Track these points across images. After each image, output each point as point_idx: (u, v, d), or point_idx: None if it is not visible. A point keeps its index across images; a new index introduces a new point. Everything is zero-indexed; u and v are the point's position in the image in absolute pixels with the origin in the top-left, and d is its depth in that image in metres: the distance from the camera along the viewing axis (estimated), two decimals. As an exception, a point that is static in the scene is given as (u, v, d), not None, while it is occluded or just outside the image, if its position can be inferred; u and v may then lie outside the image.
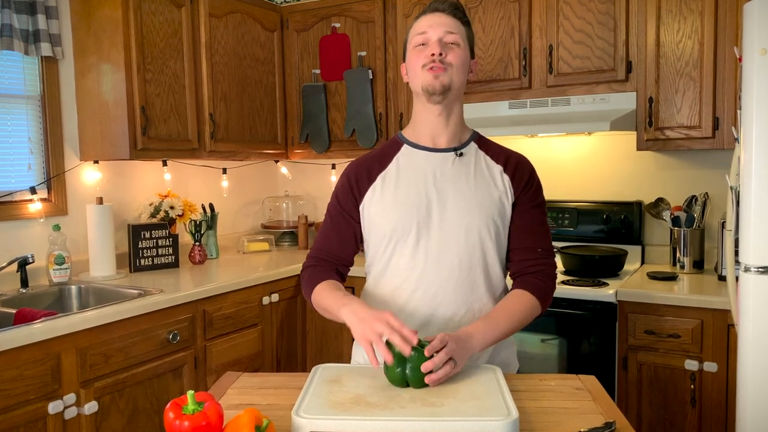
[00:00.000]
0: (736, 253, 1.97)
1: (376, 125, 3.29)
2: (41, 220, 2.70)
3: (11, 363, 1.93)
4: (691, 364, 2.34)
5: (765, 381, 1.86)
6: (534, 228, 1.55)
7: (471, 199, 1.51)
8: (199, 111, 3.03)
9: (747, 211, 1.87)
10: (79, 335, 2.13)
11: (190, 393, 1.07)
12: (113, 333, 2.24)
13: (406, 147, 1.57)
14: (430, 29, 1.49)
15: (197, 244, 3.19)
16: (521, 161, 1.59)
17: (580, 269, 2.79)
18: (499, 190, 1.53)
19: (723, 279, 2.55)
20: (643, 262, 2.98)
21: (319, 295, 1.53)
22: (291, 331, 3.11)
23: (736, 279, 1.98)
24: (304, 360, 3.19)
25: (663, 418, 2.42)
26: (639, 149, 2.71)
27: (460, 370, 1.32)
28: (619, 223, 2.97)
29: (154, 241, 3.00)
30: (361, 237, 1.62)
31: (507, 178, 1.55)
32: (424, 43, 1.50)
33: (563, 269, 2.87)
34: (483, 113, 2.97)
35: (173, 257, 3.06)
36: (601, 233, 3.01)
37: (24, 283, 2.55)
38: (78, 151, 2.86)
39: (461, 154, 1.55)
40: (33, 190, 2.66)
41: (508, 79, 2.93)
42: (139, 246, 2.96)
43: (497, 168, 1.56)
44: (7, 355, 1.92)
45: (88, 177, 2.91)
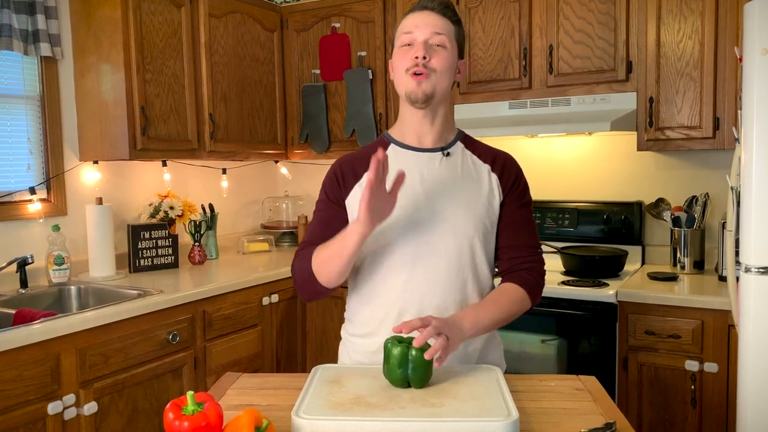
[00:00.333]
0: (737, 253, 1.97)
1: (376, 125, 3.28)
2: (40, 221, 2.70)
3: (11, 363, 1.93)
4: (691, 365, 2.33)
5: (765, 381, 1.86)
6: (523, 227, 1.56)
7: (459, 200, 1.50)
8: (198, 111, 3.03)
9: (747, 212, 1.87)
10: (79, 336, 2.12)
11: (190, 394, 1.07)
12: (113, 333, 2.24)
13: (393, 146, 1.56)
14: (416, 29, 1.47)
15: (197, 244, 3.19)
16: (508, 160, 1.59)
17: (580, 269, 2.79)
18: (487, 189, 1.53)
19: (723, 279, 2.54)
20: (643, 263, 2.97)
21: (317, 256, 1.47)
22: (291, 331, 3.11)
23: (737, 279, 1.98)
24: (303, 360, 3.19)
25: (663, 419, 2.41)
26: (639, 149, 2.71)
27: (456, 348, 1.32)
28: (620, 224, 2.97)
29: (154, 241, 3.00)
30: None
31: (495, 177, 1.55)
32: (410, 43, 1.47)
33: (563, 269, 2.87)
34: (483, 113, 2.97)
35: (173, 257, 3.06)
36: (601, 233, 3.01)
37: (23, 283, 2.54)
38: (77, 151, 2.86)
39: (448, 154, 1.54)
40: (32, 191, 2.66)
41: (508, 79, 2.93)
42: (139, 246, 2.96)
43: (485, 167, 1.55)
44: (7, 356, 1.92)
45: (87, 177, 2.91)
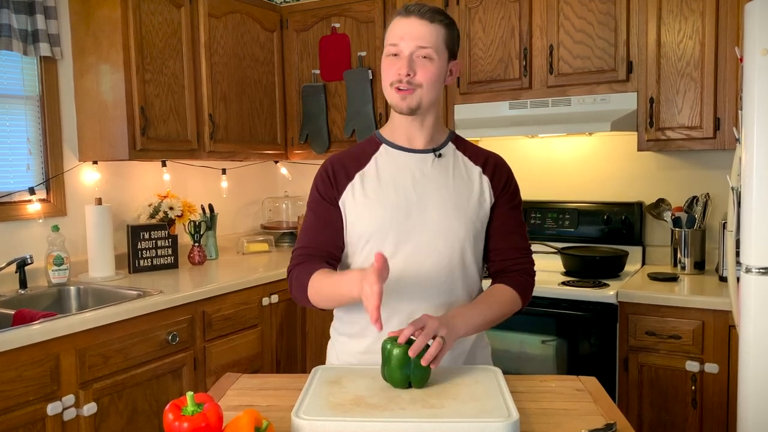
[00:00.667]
0: (737, 253, 1.97)
1: (377, 125, 3.28)
2: (40, 221, 2.69)
3: (10, 364, 1.92)
4: (692, 366, 2.33)
5: (766, 382, 1.86)
6: (514, 229, 1.56)
7: (450, 202, 1.50)
8: (198, 111, 3.02)
9: (748, 212, 1.87)
10: (78, 336, 2.12)
11: (190, 394, 1.07)
12: (112, 334, 2.23)
13: (384, 147, 1.55)
14: (401, 41, 1.43)
15: (196, 244, 3.19)
16: (499, 162, 1.59)
17: (580, 270, 2.79)
18: (478, 191, 1.53)
19: (724, 280, 2.54)
20: (643, 263, 2.97)
21: (314, 287, 1.44)
22: (291, 332, 3.10)
23: (737, 280, 1.98)
24: (303, 361, 3.18)
25: (664, 420, 2.41)
26: (640, 150, 2.71)
27: (451, 347, 1.34)
28: (620, 224, 2.96)
29: (154, 241, 3.00)
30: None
31: (486, 179, 1.54)
32: (396, 53, 1.45)
33: (563, 270, 2.86)
34: (483, 113, 2.97)
35: (172, 258, 3.06)
36: (601, 234, 3.00)
37: (23, 284, 2.54)
38: (77, 151, 2.85)
39: (440, 155, 1.54)
40: (32, 191, 2.66)
41: (508, 79, 2.92)
42: (138, 247, 2.95)
43: (476, 169, 1.55)
44: (6, 356, 1.91)
45: (87, 177, 2.90)
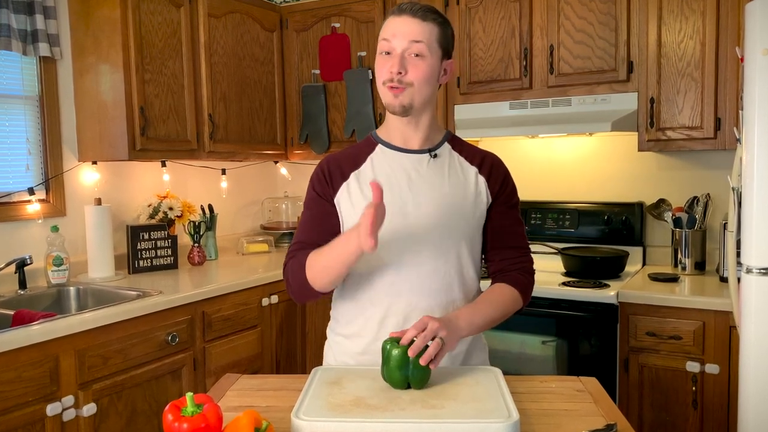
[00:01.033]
0: (738, 254, 1.97)
1: (376, 126, 3.27)
2: (39, 221, 2.69)
3: (9, 365, 1.92)
4: (692, 366, 2.33)
5: (767, 383, 1.85)
6: (512, 229, 1.56)
7: (446, 202, 1.49)
8: (198, 111, 3.02)
9: (749, 212, 1.87)
10: (78, 337, 2.12)
11: (189, 395, 1.07)
12: (112, 335, 2.23)
13: (380, 147, 1.54)
14: (394, 38, 1.43)
15: (196, 245, 3.18)
16: (496, 162, 1.58)
17: (580, 270, 2.79)
18: (475, 191, 1.52)
19: (725, 280, 2.54)
20: (644, 264, 2.97)
21: (311, 265, 1.44)
22: (290, 332, 3.10)
23: (738, 280, 1.97)
24: (303, 362, 3.18)
25: (664, 421, 2.41)
26: (640, 150, 2.70)
27: (453, 349, 1.34)
28: (621, 224, 2.96)
29: (153, 242, 2.99)
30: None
31: (483, 180, 1.54)
32: (388, 51, 1.45)
33: (564, 270, 2.86)
34: (483, 114, 2.97)
35: (172, 258, 3.05)
36: (602, 234, 3.00)
37: (22, 284, 2.54)
38: (76, 151, 2.85)
39: (435, 156, 1.53)
40: (31, 191, 2.65)
41: (508, 79, 2.92)
42: (138, 247, 2.95)
43: (472, 169, 1.54)
44: (5, 357, 1.91)
45: (86, 178, 2.90)
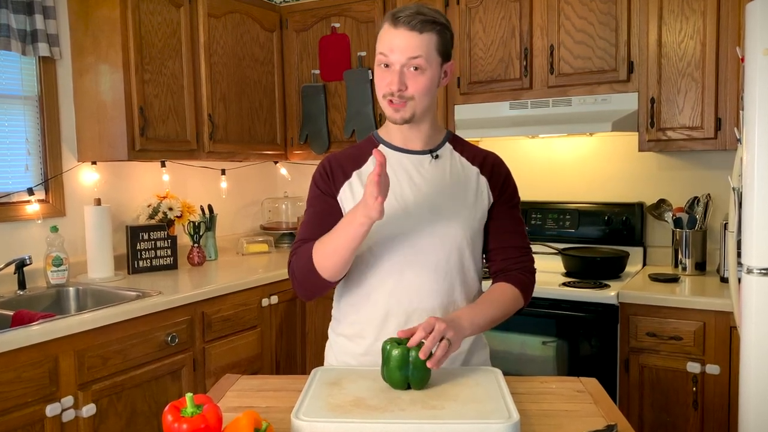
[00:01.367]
0: (739, 254, 1.97)
1: (376, 126, 3.27)
2: (39, 222, 2.69)
3: (9, 365, 1.92)
4: (693, 367, 2.32)
5: (767, 383, 1.85)
6: (513, 228, 1.57)
7: (448, 203, 1.49)
8: (197, 111, 3.01)
9: (749, 213, 1.86)
10: (77, 337, 2.11)
11: (189, 395, 1.06)
12: (111, 335, 2.23)
13: (382, 147, 1.54)
14: (391, 53, 1.40)
15: (196, 245, 3.18)
16: (497, 162, 1.59)
17: (581, 271, 2.78)
18: (476, 192, 1.52)
19: (725, 281, 2.53)
20: (644, 264, 2.96)
21: (318, 250, 1.42)
22: (290, 333, 3.10)
23: (739, 281, 1.97)
24: (303, 362, 3.18)
25: (665, 421, 2.40)
26: (641, 150, 2.70)
27: (457, 349, 1.35)
28: (621, 225, 2.96)
29: (153, 242, 2.99)
30: None
31: (484, 180, 1.54)
32: (387, 64, 1.43)
33: (564, 271, 2.86)
34: (483, 114, 2.96)
35: (172, 259, 3.05)
36: (602, 234, 3.00)
37: (21, 284, 2.53)
38: (76, 152, 2.84)
39: (437, 157, 1.53)
40: (30, 192, 2.65)
41: (508, 79, 2.92)
42: (138, 247, 2.95)
43: (474, 170, 1.54)
44: (5, 358, 1.91)
45: (85, 178, 2.90)
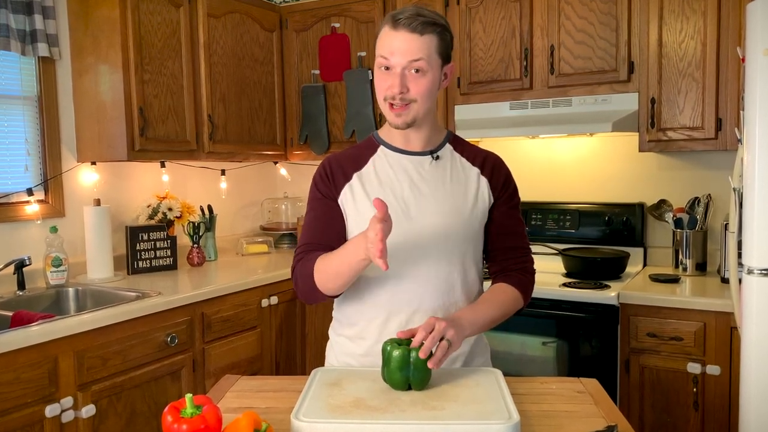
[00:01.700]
0: (739, 255, 1.96)
1: (376, 126, 3.27)
2: (38, 222, 2.68)
3: (8, 366, 1.91)
4: (693, 368, 2.32)
5: (769, 384, 1.85)
6: (513, 229, 1.57)
7: (448, 204, 1.49)
8: (197, 112, 3.01)
9: (750, 213, 1.86)
10: (77, 338, 2.11)
11: (189, 396, 1.06)
12: (111, 336, 2.22)
13: (382, 148, 1.54)
14: (392, 56, 1.40)
15: (195, 246, 3.18)
16: (498, 163, 1.58)
17: (581, 271, 2.78)
18: (477, 192, 1.52)
19: (726, 281, 2.53)
20: (645, 264, 2.96)
21: (320, 270, 1.42)
22: (290, 333, 3.09)
23: (739, 281, 1.97)
24: (303, 363, 3.17)
25: (665, 422, 2.40)
26: (641, 150, 2.70)
27: (458, 349, 1.35)
28: (621, 225, 2.95)
29: (152, 243, 2.99)
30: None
31: (484, 181, 1.54)
32: (387, 67, 1.43)
33: (564, 271, 2.85)
34: (484, 114, 2.96)
35: (171, 259, 3.05)
36: (602, 235, 2.99)
37: (21, 285, 2.53)
38: (75, 152, 2.84)
39: (437, 158, 1.53)
40: (30, 192, 2.64)
41: (509, 79, 2.92)
42: (137, 248, 2.94)
43: (474, 170, 1.54)
44: (4, 358, 1.90)
45: (85, 178, 2.89)
